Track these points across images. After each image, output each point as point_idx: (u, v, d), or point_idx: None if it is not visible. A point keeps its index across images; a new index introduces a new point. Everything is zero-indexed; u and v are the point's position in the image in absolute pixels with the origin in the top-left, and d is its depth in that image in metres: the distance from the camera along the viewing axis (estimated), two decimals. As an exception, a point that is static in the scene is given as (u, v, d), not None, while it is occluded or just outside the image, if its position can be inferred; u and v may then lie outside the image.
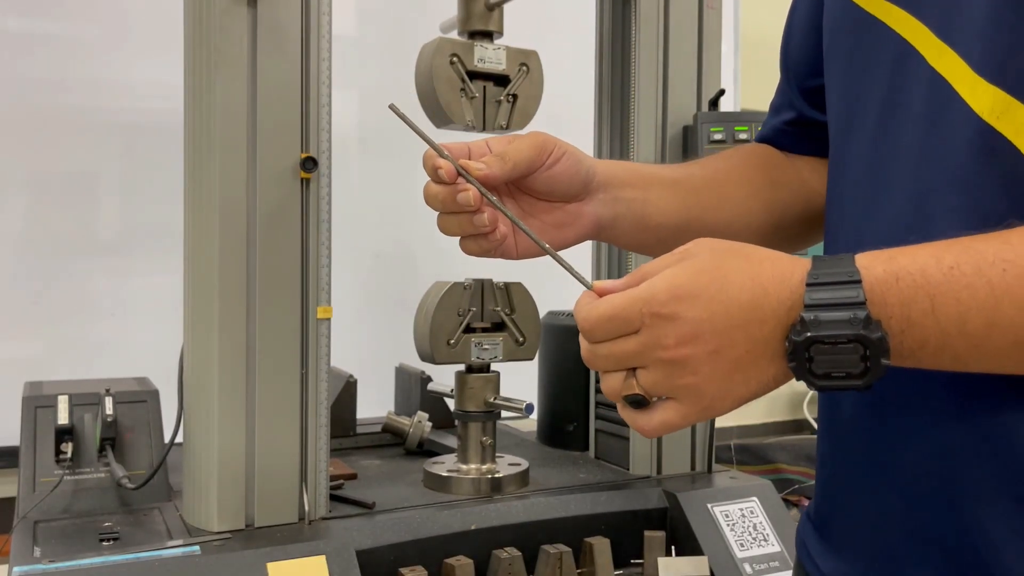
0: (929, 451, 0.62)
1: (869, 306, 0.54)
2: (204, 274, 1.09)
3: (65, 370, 1.48)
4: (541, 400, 1.62)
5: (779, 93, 0.92)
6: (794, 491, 1.45)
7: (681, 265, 0.58)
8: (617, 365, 0.60)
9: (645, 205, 0.82)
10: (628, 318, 0.58)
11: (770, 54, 1.01)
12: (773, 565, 1.21)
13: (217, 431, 1.08)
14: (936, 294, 0.53)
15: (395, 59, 1.77)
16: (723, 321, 0.56)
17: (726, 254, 0.59)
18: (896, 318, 0.54)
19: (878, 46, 0.66)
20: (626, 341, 0.58)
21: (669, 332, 0.57)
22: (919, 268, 0.54)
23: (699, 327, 0.56)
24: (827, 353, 0.54)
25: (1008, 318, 0.52)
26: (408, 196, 2.14)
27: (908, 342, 0.55)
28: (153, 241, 1.83)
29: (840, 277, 0.55)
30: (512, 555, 1.12)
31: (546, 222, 0.80)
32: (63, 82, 1.78)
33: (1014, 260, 0.52)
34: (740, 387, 0.58)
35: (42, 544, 1.04)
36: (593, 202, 0.81)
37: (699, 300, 0.57)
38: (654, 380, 0.58)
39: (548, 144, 0.78)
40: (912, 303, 0.54)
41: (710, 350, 0.57)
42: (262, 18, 1.08)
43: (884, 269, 0.55)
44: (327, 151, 1.13)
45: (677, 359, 0.57)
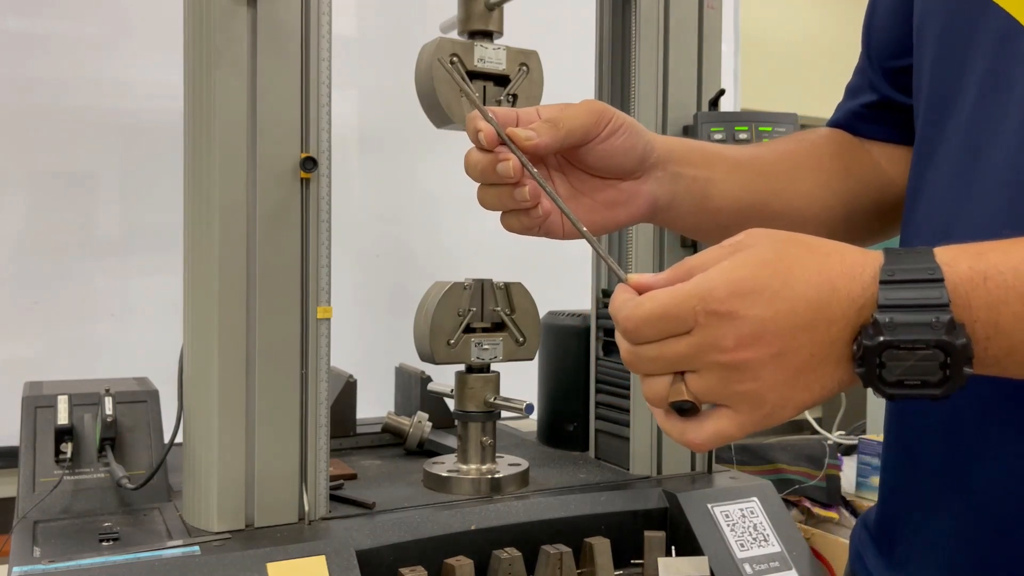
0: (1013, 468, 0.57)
1: (953, 308, 0.48)
2: (204, 274, 1.09)
3: (65, 370, 1.48)
4: (541, 400, 1.62)
5: (857, 74, 0.85)
6: (794, 491, 1.45)
7: (739, 257, 0.52)
8: (665, 368, 0.53)
9: (708, 185, 0.75)
10: (680, 316, 0.52)
11: (770, 54, 1.01)
12: (773, 565, 1.21)
13: (217, 431, 1.08)
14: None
15: (395, 59, 1.77)
16: (788, 320, 0.50)
17: (788, 245, 0.53)
18: (982, 322, 0.49)
19: (980, 23, 0.61)
20: (677, 342, 0.52)
21: (728, 332, 0.51)
22: (1011, 267, 0.48)
23: (762, 327, 0.50)
24: (902, 359, 0.49)
25: None
26: (408, 195, 2.14)
27: (993, 349, 0.49)
28: (153, 241, 1.83)
29: (919, 274, 0.49)
30: (512, 555, 1.12)
31: (597, 200, 0.73)
32: (63, 82, 1.78)
33: None
34: (803, 393, 0.52)
35: (42, 544, 1.04)
36: (650, 180, 0.73)
37: (762, 297, 0.50)
38: (708, 386, 0.52)
39: (607, 113, 0.69)
40: (1001, 306, 0.48)
41: (773, 352, 0.51)
42: (262, 18, 1.08)
43: (970, 266, 0.49)
44: (327, 151, 1.13)
45: (736, 363, 0.51)
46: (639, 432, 1.38)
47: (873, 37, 0.82)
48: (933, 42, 0.68)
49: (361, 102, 2.08)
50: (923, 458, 0.65)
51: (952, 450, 0.62)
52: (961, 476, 0.60)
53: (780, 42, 3.57)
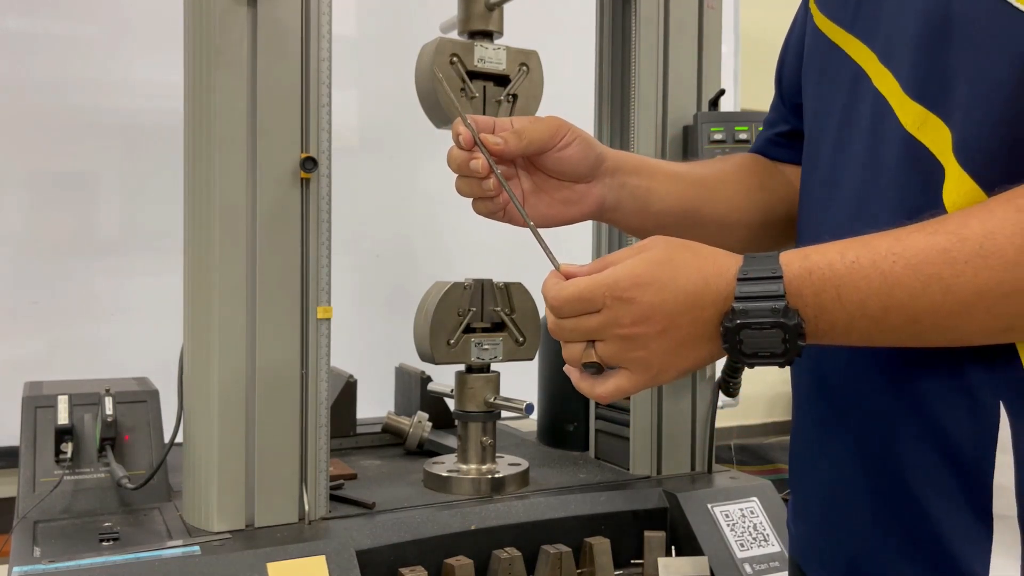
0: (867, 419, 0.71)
1: (788, 297, 0.64)
2: (204, 274, 1.09)
3: (65, 370, 1.48)
4: (541, 400, 1.62)
5: (772, 109, 1.01)
6: (794, 491, 1.45)
7: (640, 256, 0.68)
8: (579, 338, 0.70)
9: (648, 193, 0.92)
10: (592, 299, 0.68)
11: (770, 54, 1.02)
12: (773, 565, 1.21)
13: (217, 431, 1.08)
14: (841, 284, 0.63)
15: (395, 59, 1.77)
16: (672, 306, 0.66)
17: (678, 249, 0.69)
18: (810, 306, 0.64)
19: (839, 69, 0.77)
20: (589, 318, 0.68)
21: (626, 313, 0.67)
22: (827, 263, 0.64)
23: (652, 310, 0.66)
24: (754, 337, 0.64)
25: (899, 301, 0.62)
26: (408, 196, 2.14)
27: (822, 325, 0.64)
28: (153, 241, 1.83)
29: (765, 273, 0.65)
30: (512, 555, 1.12)
31: (555, 198, 0.89)
32: (63, 82, 1.78)
33: (902, 253, 0.62)
34: (683, 361, 0.68)
35: (42, 544, 1.04)
36: (600, 185, 0.90)
37: (652, 287, 0.66)
38: (610, 352, 0.69)
39: (563, 128, 0.87)
40: (822, 292, 0.64)
41: (659, 330, 0.67)
42: (262, 18, 1.08)
43: (800, 265, 0.64)
44: (327, 151, 1.13)
45: (631, 335, 0.67)
46: (639, 432, 1.38)
47: (783, 77, 0.96)
48: (811, 83, 0.84)
49: (361, 102, 2.08)
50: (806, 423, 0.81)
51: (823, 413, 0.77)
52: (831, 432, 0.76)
53: (780, 42, 3.56)
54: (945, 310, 0.61)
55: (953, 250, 0.60)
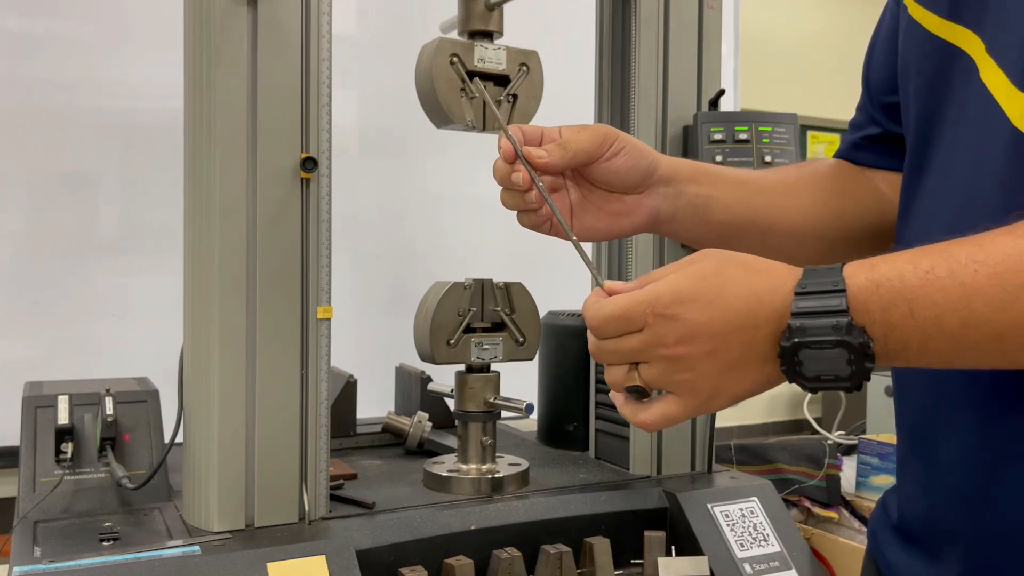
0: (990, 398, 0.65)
1: (852, 313, 0.58)
2: (204, 274, 1.09)
3: (65, 370, 1.48)
4: (541, 400, 1.62)
5: (859, 111, 0.94)
6: (794, 491, 1.45)
7: (685, 271, 0.63)
8: (621, 360, 0.65)
9: (708, 201, 0.87)
10: (632, 318, 0.63)
11: (770, 54, 1.02)
12: (773, 565, 1.21)
13: (217, 431, 1.09)
14: (913, 298, 0.57)
15: (395, 59, 1.77)
16: (720, 325, 0.61)
17: (727, 263, 0.63)
18: (879, 323, 0.58)
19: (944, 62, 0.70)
20: (631, 338, 0.63)
21: (669, 331, 0.62)
22: (897, 274, 0.58)
23: (697, 329, 0.61)
24: (815, 358, 0.59)
25: (982, 315, 0.55)
26: (408, 196, 2.14)
27: (892, 344, 0.58)
28: (153, 241, 1.84)
29: (826, 287, 0.59)
30: (512, 555, 1.12)
31: (604, 210, 0.85)
32: (63, 82, 1.78)
33: (984, 260, 0.55)
34: (735, 385, 0.63)
35: (42, 544, 1.04)
36: (653, 195, 0.86)
37: (698, 304, 0.61)
38: (655, 374, 0.63)
39: (610, 137, 0.83)
40: (892, 307, 0.57)
41: (707, 350, 0.61)
42: (262, 18, 1.08)
43: (866, 277, 0.58)
44: (327, 151, 1.13)
45: (676, 356, 0.62)
46: (639, 432, 1.38)
47: (871, 76, 0.90)
48: (913, 82, 0.77)
49: (361, 102, 2.08)
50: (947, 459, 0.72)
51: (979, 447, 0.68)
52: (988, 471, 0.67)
53: (780, 42, 3.57)
54: None
55: None
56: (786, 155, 1.33)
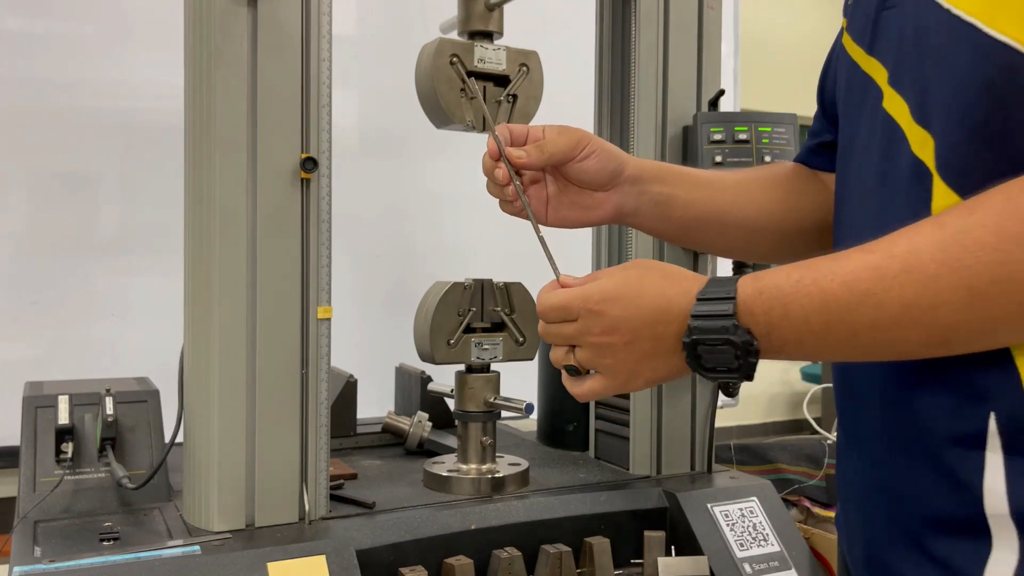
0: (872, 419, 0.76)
1: (738, 316, 0.69)
2: (204, 274, 1.09)
3: (65, 370, 1.48)
4: (541, 400, 1.62)
5: (816, 119, 1.04)
6: (794, 491, 1.46)
7: (615, 276, 0.77)
8: (561, 342, 0.80)
9: (670, 199, 0.99)
10: (570, 309, 0.77)
11: (770, 54, 1.03)
12: (773, 565, 1.21)
13: (217, 431, 1.09)
14: (787, 302, 0.68)
15: (395, 59, 1.77)
16: (636, 321, 0.74)
17: (649, 271, 0.76)
18: (761, 324, 0.69)
19: (861, 89, 0.79)
20: (567, 326, 0.78)
21: (596, 324, 0.76)
22: (776, 284, 0.69)
23: (618, 323, 0.75)
24: (709, 352, 0.71)
25: (837, 316, 0.65)
26: (408, 196, 2.14)
27: (774, 341, 0.69)
28: (153, 241, 1.84)
29: (720, 294, 0.70)
30: (512, 555, 1.12)
31: (576, 203, 0.99)
32: (64, 82, 1.79)
33: (839, 271, 0.66)
34: (648, 371, 0.76)
35: (42, 544, 1.04)
36: (618, 193, 0.98)
37: (620, 303, 0.75)
38: (585, 357, 0.78)
39: (583, 141, 0.96)
40: (771, 311, 0.68)
41: (625, 341, 0.75)
42: (262, 18, 1.08)
43: (752, 287, 0.69)
44: (327, 151, 1.13)
45: (601, 344, 0.76)
46: (639, 432, 1.38)
47: (825, 90, 0.99)
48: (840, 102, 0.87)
49: (361, 102, 2.08)
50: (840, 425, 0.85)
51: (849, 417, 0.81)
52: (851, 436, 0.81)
53: (780, 42, 3.57)
54: (880, 324, 0.64)
55: (883, 266, 0.63)
56: (786, 155, 1.33)
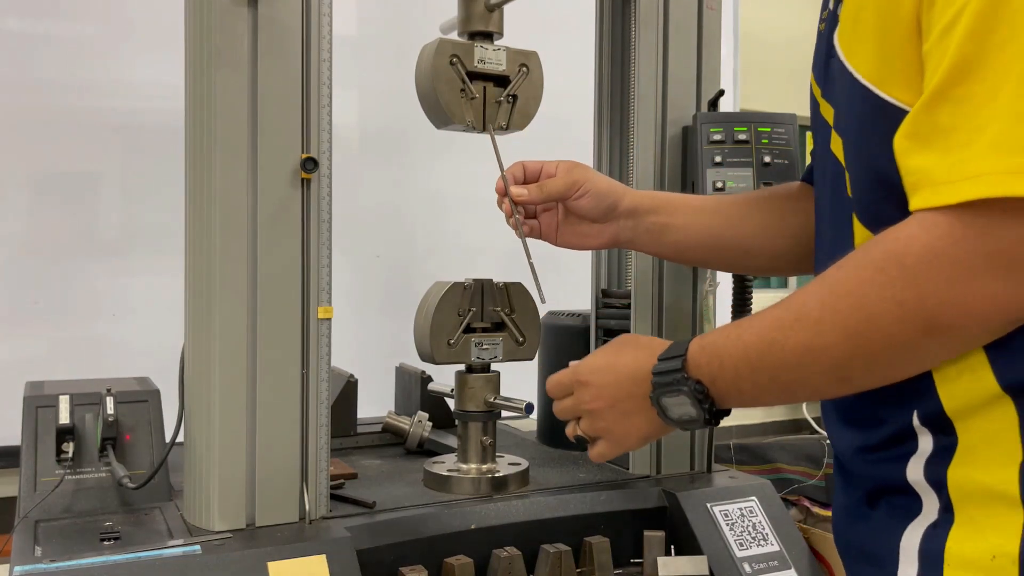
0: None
1: (687, 369, 0.79)
2: (205, 274, 1.09)
3: (66, 370, 1.48)
4: (541, 400, 1.62)
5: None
6: (793, 491, 1.46)
7: (602, 351, 0.90)
8: (567, 416, 0.92)
9: (665, 228, 1.11)
10: (564, 384, 0.92)
11: (769, 55, 1.03)
12: (772, 564, 1.21)
13: (218, 431, 1.09)
14: (723, 354, 0.77)
15: (395, 59, 1.77)
16: (616, 388, 0.86)
17: (627, 344, 0.89)
18: (706, 374, 0.78)
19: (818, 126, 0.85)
20: (566, 400, 0.92)
21: (586, 394, 0.88)
22: (713, 340, 0.79)
23: (602, 390, 0.87)
24: (671, 404, 0.81)
25: (756, 363, 0.74)
26: (408, 196, 2.14)
27: (720, 388, 0.78)
28: (154, 241, 1.84)
29: (674, 353, 0.81)
30: (512, 554, 1.12)
31: (577, 230, 1.15)
32: (65, 83, 1.79)
33: (754, 324, 0.75)
34: (635, 429, 0.86)
35: (43, 543, 1.04)
36: (615, 225, 1.13)
37: (602, 372, 0.87)
38: (585, 425, 0.90)
39: (579, 182, 1.11)
40: (712, 362, 0.78)
41: (610, 405, 0.87)
42: (263, 18, 1.08)
43: (698, 344, 0.80)
44: (327, 151, 1.13)
45: (592, 410, 0.88)
46: (639, 432, 1.38)
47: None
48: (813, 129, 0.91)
49: (361, 102, 2.08)
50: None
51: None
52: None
53: (780, 42, 3.57)
54: (788, 365, 0.72)
55: (783, 318, 0.73)
56: (785, 155, 1.33)
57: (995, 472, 0.67)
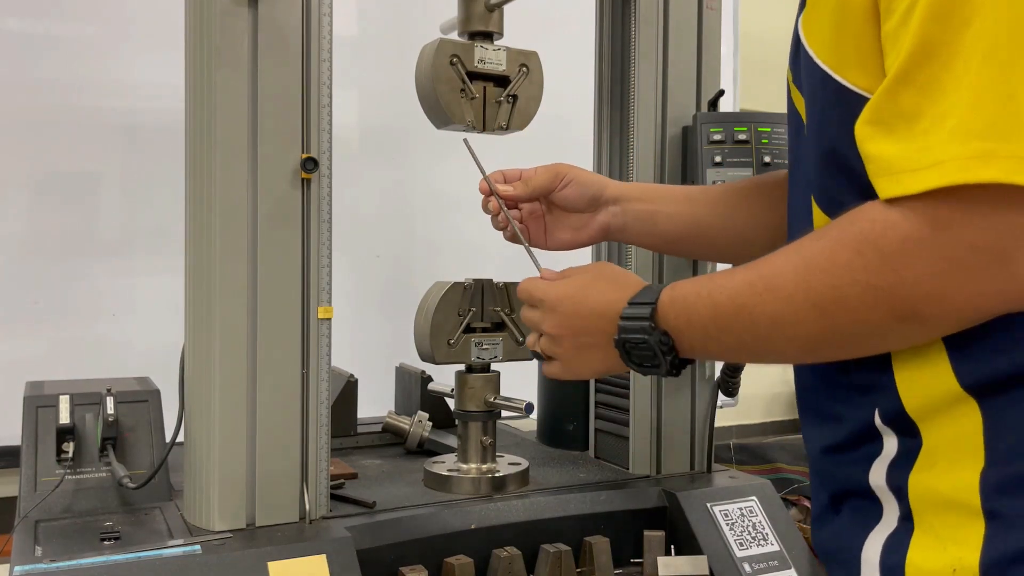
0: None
1: (656, 319, 0.79)
2: (205, 274, 1.10)
3: (66, 370, 1.48)
4: (541, 400, 1.62)
5: None
6: (793, 490, 1.46)
7: (571, 278, 0.90)
8: (531, 327, 0.93)
9: (654, 215, 1.10)
10: (532, 295, 0.92)
11: (769, 54, 1.03)
12: (772, 564, 1.21)
13: (218, 431, 1.09)
14: (691, 312, 0.77)
15: (395, 59, 1.77)
16: (580, 320, 0.87)
17: (600, 277, 0.89)
18: (672, 327, 0.79)
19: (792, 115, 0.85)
20: (533, 312, 0.92)
21: (550, 318, 0.89)
22: (683, 294, 0.78)
23: (566, 319, 0.88)
24: (635, 349, 0.81)
25: (726, 324, 0.75)
26: (408, 196, 2.14)
27: (685, 342, 0.79)
28: (154, 241, 1.84)
29: (645, 299, 0.81)
30: (512, 554, 1.12)
31: (567, 225, 1.14)
32: (65, 83, 1.79)
33: (726, 285, 0.74)
34: (592, 363, 0.88)
35: (43, 543, 1.04)
36: (603, 213, 1.12)
37: (570, 302, 0.88)
38: (544, 345, 0.91)
39: (560, 173, 1.12)
40: (679, 317, 0.78)
41: (571, 334, 0.88)
42: (263, 18, 1.08)
43: (669, 295, 0.79)
44: (328, 151, 1.13)
45: (553, 335, 0.89)
46: (638, 431, 1.38)
47: None
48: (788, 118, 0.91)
49: (362, 102, 2.08)
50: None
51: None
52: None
53: (780, 42, 3.56)
54: (759, 334, 0.73)
55: (755, 284, 0.72)
56: (785, 155, 1.33)
57: (956, 479, 0.66)
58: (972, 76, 0.59)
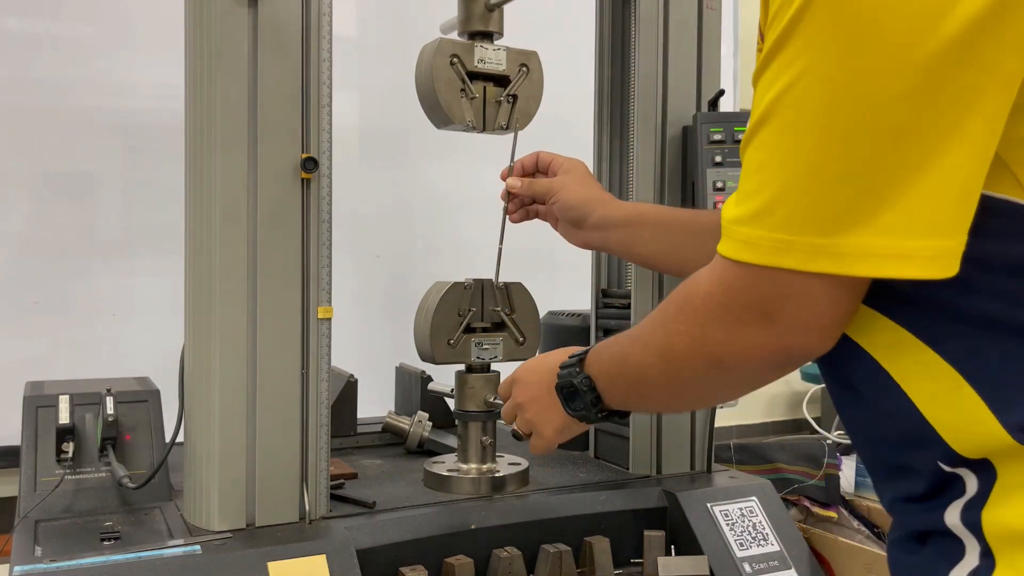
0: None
1: (583, 367, 0.89)
2: (205, 274, 1.10)
3: (66, 370, 1.48)
4: (541, 400, 1.62)
5: None
6: (793, 491, 1.46)
7: (533, 359, 1.05)
8: (507, 415, 1.06)
9: (633, 240, 1.19)
10: (505, 384, 1.07)
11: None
12: (772, 564, 1.21)
13: (218, 431, 1.09)
14: (602, 359, 0.87)
15: (395, 59, 1.77)
16: (536, 385, 1.00)
17: (554, 353, 0.99)
18: (595, 373, 0.88)
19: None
20: (506, 390, 1.06)
21: (517, 389, 1.03)
22: (598, 350, 0.88)
23: (527, 387, 1.02)
24: (567, 399, 0.92)
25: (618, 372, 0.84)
26: (408, 196, 2.14)
27: (606, 389, 0.88)
28: (154, 241, 1.84)
29: (581, 352, 0.91)
30: (512, 554, 1.12)
31: (561, 225, 1.26)
32: (64, 83, 1.79)
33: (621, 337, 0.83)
34: (552, 422, 0.98)
35: (43, 543, 1.04)
36: (587, 233, 1.22)
37: (529, 373, 1.03)
38: (519, 420, 1.04)
39: (552, 190, 1.22)
40: (593, 366, 0.88)
41: (533, 398, 1.00)
42: (263, 18, 1.08)
43: (594, 349, 0.89)
44: (328, 151, 1.13)
45: (521, 403, 1.02)
46: (639, 432, 1.38)
47: None
48: None
49: (362, 102, 2.08)
50: None
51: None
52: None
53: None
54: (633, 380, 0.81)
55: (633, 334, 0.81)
56: (785, 155, 1.33)
57: None
58: (792, 157, 0.61)
